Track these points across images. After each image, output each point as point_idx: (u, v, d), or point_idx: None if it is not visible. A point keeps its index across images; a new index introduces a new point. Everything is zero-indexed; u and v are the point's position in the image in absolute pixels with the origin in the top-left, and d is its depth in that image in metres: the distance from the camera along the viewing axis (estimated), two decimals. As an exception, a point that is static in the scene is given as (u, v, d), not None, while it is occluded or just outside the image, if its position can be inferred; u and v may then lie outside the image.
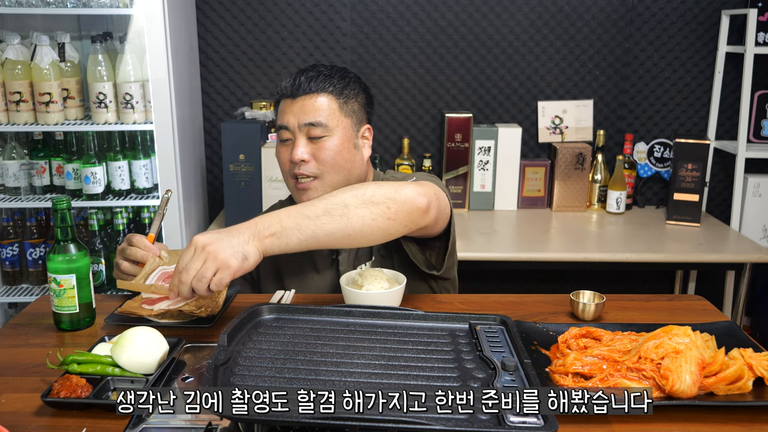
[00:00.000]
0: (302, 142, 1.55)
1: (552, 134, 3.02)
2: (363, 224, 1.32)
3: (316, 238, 1.30)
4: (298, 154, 1.54)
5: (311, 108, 1.54)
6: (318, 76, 1.56)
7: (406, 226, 1.37)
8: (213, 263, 1.23)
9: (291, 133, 1.56)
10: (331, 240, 1.32)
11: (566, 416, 0.95)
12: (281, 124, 1.57)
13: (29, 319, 1.46)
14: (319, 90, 1.55)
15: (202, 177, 2.97)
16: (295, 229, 1.29)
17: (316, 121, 1.54)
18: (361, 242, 1.36)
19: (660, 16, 2.94)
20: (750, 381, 1.13)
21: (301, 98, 1.55)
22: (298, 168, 1.55)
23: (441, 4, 2.91)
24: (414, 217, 1.37)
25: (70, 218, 1.36)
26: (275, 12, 2.90)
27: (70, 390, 1.09)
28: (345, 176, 1.58)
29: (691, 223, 2.79)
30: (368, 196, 1.34)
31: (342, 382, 1.07)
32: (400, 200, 1.35)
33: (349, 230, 1.32)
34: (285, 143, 1.58)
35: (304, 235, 1.29)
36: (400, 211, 1.35)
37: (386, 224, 1.34)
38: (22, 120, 2.51)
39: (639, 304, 1.57)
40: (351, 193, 1.35)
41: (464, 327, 1.29)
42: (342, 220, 1.31)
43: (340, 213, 1.31)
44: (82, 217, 2.71)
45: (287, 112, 1.56)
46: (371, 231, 1.34)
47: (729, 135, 3.05)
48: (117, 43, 2.60)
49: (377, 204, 1.33)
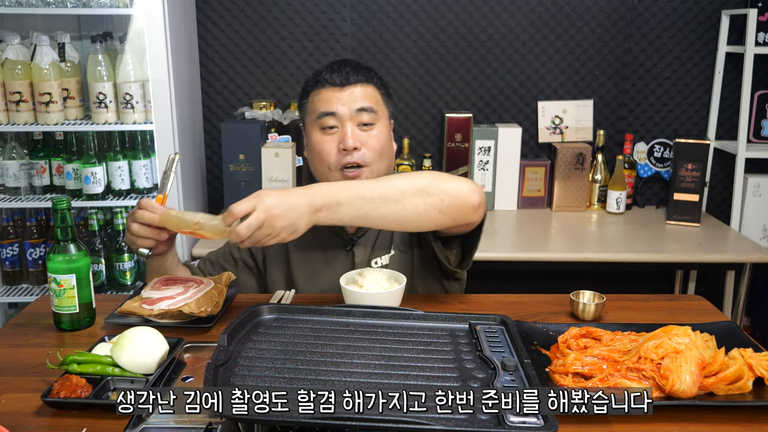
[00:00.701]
0: (353, 129, 1.55)
1: (552, 134, 3.02)
2: (415, 212, 1.36)
3: (367, 218, 1.36)
4: (351, 141, 1.52)
5: (361, 95, 1.56)
6: (361, 68, 1.59)
7: (455, 220, 1.40)
8: (268, 230, 1.29)
9: (338, 121, 1.55)
10: (381, 222, 1.38)
11: (566, 416, 0.95)
12: (327, 111, 1.55)
13: (29, 319, 1.46)
14: (367, 80, 1.58)
15: (202, 177, 2.97)
16: (350, 206, 1.34)
17: (369, 107, 1.56)
18: (408, 229, 1.43)
19: (660, 16, 2.94)
20: (750, 381, 1.13)
21: (350, 87, 1.56)
22: (350, 156, 1.54)
23: (441, 4, 2.91)
24: (464, 212, 1.40)
25: (70, 218, 1.36)
26: (275, 12, 2.90)
27: (70, 390, 1.09)
28: (387, 166, 1.61)
29: (691, 223, 2.79)
30: (424, 186, 1.37)
31: (342, 382, 1.07)
32: (454, 194, 1.38)
33: (400, 216, 1.36)
34: (329, 131, 1.56)
35: (357, 213, 1.35)
36: (452, 204, 1.38)
37: (437, 216, 1.38)
38: (22, 120, 2.51)
39: (639, 304, 1.57)
40: (407, 180, 1.38)
41: (464, 327, 1.29)
42: (396, 206, 1.35)
43: (396, 198, 1.35)
44: (82, 217, 2.71)
45: (333, 99, 1.55)
46: (420, 219, 1.38)
47: (729, 135, 3.05)
48: (117, 43, 2.60)
49: (432, 195, 1.36)
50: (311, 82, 1.61)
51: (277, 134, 2.78)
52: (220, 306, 1.44)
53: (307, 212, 1.31)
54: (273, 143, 2.72)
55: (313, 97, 1.59)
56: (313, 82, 1.60)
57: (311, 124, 1.59)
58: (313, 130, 1.58)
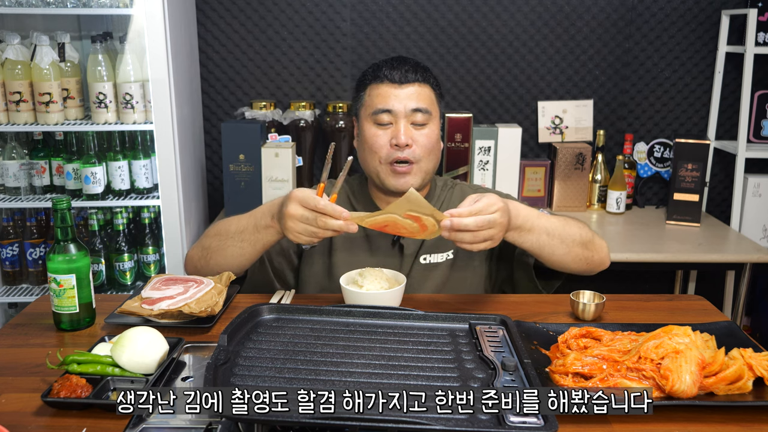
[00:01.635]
0: (406, 126, 1.60)
1: (552, 134, 3.02)
2: (573, 259, 1.52)
3: (540, 250, 1.49)
4: (403, 138, 1.58)
5: (418, 95, 1.61)
6: (419, 67, 1.65)
7: (586, 270, 1.58)
8: (498, 233, 1.36)
9: (393, 118, 1.60)
10: (543, 255, 1.51)
11: (566, 416, 0.95)
12: (383, 108, 1.60)
13: (29, 319, 1.46)
14: (424, 80, 1.64)
15: (202, 177, 2.97)
16: (535, 236, 1.46)
17: (423, 108, 1.61)
18: (555, 267, 1.55)
19: (660, 16, 2.94)
20: (750, 381, 1.13)
21: (408, 85, 1.61)
22: (401, 152, 1.58)
23: (441, 4, 2.91)
24: (596, 268, 1.59)
25: (70, 218, 1.36)
26: (275, 12, 2.90)
27: (70, 390, 1.09)
28: (434, 165, 1.66)
29: (691, 223, 2.79)
30: (588, 239, 1.54)
31: (342, 382, 1.07)
32: (603, 254, 1.59)
33: (561, 258, 1.51)
34: (383, 127, 1.61)
35: (537, 244, 1.47)
36: (594, 261, 1.57)
37: (578, 264, 1.54)
38: (22, 120, 2.51)
39: (639, 304, 1.57)
40: (581, 231, 1.54)
41: (464, 327, 1.29)
42: (564, 249, 1.50)
43: (567, 244, 1.50)
44: (82, 217, 2.71)
45: (391, 96, 1.61)
46: (570, 264, 1.54)
47: (729, 135, 3.05)
48: (117, 43, 2.60)
49: (590, 250, 1.54)
50: (369, 75, 1.66)
51: (277, 134, 2.78)
52: (220, 306, 1.44)
53: (510, 228, 1.41)
54: (273, 143, 2.72)
55: (370, 91, 1.64)
56: (372, 76, 1.65)
57: (366, 117, 1.64)
58: (367, 123, 1.64)
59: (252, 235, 1.52)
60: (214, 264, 1.58)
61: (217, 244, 1.57)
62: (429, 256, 1.66)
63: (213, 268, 1.58)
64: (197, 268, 1.63)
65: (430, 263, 1.66)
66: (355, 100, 1.71)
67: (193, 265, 1.64)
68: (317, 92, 2.98)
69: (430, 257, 1.66)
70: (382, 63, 1.66)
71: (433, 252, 1.66)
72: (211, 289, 1.46)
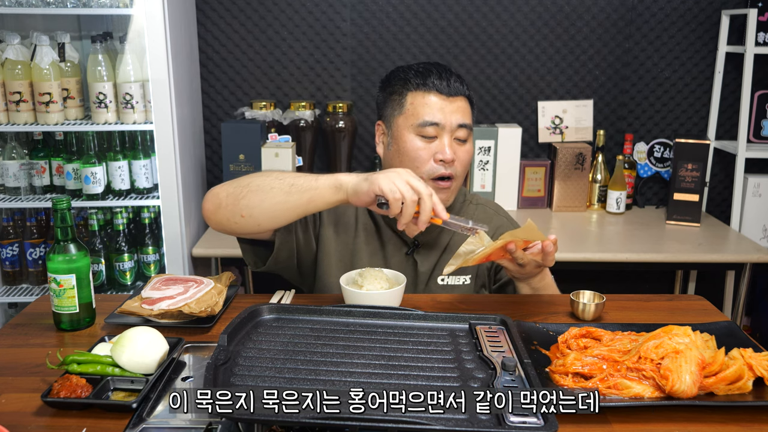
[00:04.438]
0: (450, 141, 1.55)
1: (552, 134, 3.02)
2: None
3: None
4: (449, 153, 1.53)
5: (464, 110, 1.57)
6: (460, 78, 1.58)
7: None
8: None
9: (439, 131, 1.54)
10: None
11: (566, 416, 0.95)
12: (432, 121, 1.53)
13: (29, 319, 1.46)
14: (466, 94, 1.59)
15: (202, 177, 2.97)
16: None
17: (467, 124, 1.57)
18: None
19: (660, 16, 2.94)
20: (750, 381, 1.13)
21: (457, 99, 1.56)
22: (445, 168, 1.54)
23: (441, 4, 2.91)
24: None
25: (70, 218, 1.36)
26: (275, 12, 2.90)
27: (70, 390, 1.09)
28: (463, 180, 1.63)
29: (691, 223, 2.79)
30: None
31: (342, 382, 1.07)
32: None
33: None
34: (427, 140, 1.55)
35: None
36: None
37: None
38: (22, 120, 2.51)
39: (639, 304, 1.57)
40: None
41: (464, 327, 1.29)
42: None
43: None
44: (82, 217, 2.71)
45: (440, 109, 1.54)
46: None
47: (729, 135, 3.05)
48: (117, 43, 2.60)
49: None
50: (413, 83, 1.56)
51: (277, 134, 2.78)
52: (220, 306, 1.44)
53: None
54: (273, 143, 2.72)
55: (414, 99, 1.55)
56: (417, 83, 1.55)
57: (407, 127, 1.55)
58: (409, 134, 1.55)
59: (306, 190, 1.38)
60: (244, 205, 1.40)
61: (259, 183, 1.41)
62: (447, 278, 1.64)
63: (240, 210, 1.41)
64: (220, 205, 1.44)
65: (448, 285, 1.64)
66: (388, 102, 1.60)
67: (217, 201, 1.45)
68: (317, 92, 2.98)
69: (448, 279, 1.64)
70: (423, 69, 1.56)
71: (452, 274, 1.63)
72: (211, 289, 1.46)
